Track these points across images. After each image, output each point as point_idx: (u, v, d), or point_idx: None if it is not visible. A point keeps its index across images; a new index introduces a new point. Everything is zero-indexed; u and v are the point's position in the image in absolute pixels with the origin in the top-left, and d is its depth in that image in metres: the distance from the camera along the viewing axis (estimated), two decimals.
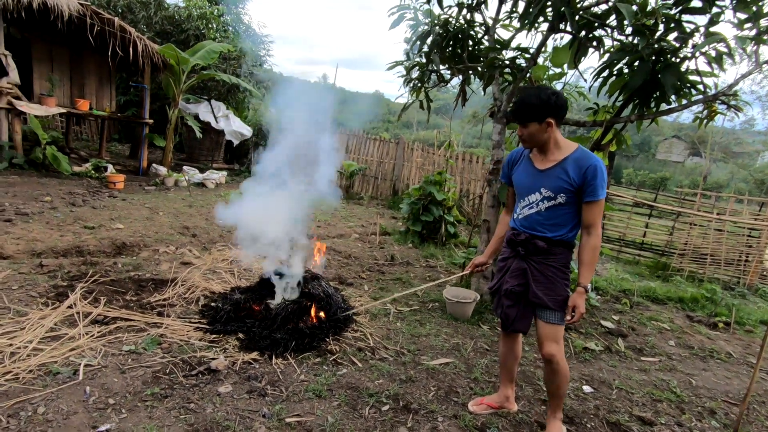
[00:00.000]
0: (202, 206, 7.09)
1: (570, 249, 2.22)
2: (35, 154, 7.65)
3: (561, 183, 2.10)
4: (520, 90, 3.67)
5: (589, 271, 2.10)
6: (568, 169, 2.09)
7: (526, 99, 2.08)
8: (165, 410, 2.16)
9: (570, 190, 2.08)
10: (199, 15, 10.96)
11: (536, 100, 2.05)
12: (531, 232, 2.22)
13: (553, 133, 2.12)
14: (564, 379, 2.25)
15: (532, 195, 2.20)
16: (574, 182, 2.07)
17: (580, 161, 2.07)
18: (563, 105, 2.09)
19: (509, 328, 2.34)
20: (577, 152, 2.11)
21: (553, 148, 2.15)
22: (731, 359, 3.90)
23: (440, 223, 6.71)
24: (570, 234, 2.17)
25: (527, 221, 2.23)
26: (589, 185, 2.04)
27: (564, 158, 2.11)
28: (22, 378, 2.24)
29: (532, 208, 2.21)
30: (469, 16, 3.97)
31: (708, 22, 2.92)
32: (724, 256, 7.22)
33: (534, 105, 2.05)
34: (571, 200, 2.11)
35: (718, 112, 3.38)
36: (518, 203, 2.30)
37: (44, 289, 3.28)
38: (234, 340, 2.92)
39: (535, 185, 2.18)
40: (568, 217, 2.15)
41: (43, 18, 7.15)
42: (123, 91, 11.34)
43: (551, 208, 2.15)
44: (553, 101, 2.05)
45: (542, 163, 2.18)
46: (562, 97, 2.08)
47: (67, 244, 4.36)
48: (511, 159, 2.37)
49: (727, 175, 26.12)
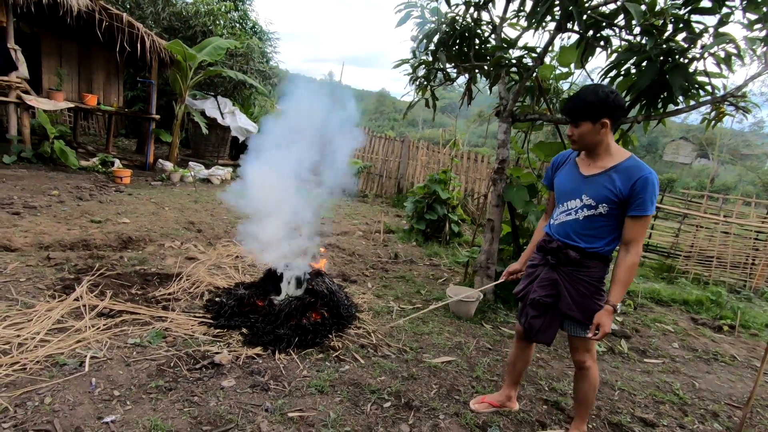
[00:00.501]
0: (208, 202, 7.13)
1: (606, 263, 2.09)
2: (43, 148, 7.72)
3: (605, 192, 1.95)
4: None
5: (621, 290, 1.96)
6: (615, 178, 1.94)
7: (582, 95, 1.94)
8: (169, 403, 2.18)
9: (614, 200, 1.94)
10: (207, 11, 11.00)
11: (593, 97, 1.90)
12: (564, 240, 2.10)
13: (606, 136, 1.97)
14: (591, 387, 2.20)
15: (571, 201, 2.07)
16: (621, 193, 1.92)
17: (631, 171, 1.91)
18: (621, 105, 1.93)
19: (532, 339, 2.24)
20: (629, 161, 1.95)
21: (603, 153, 2.01)
22: (735, 362, 3.88)
23: (444, 221, 6.71)
24: (606, 248, 2.04)
25: (562, 228, 2.12)
26: (637, 198, 1.89)
27: (613, 166, 1.97)
28: (29, 368, 2.28)
29: (569, 214, 2.08)
30: (476, 15, 3.95)
31: (717, 23, 2.90)
32: (731, 258, 7.17)
33: (590, 102, 1.91)
34: (614, 212, 1.97)
35: (726, 113, 3.35)
36: (556, 208, 2.18)
37: (51, 282, 3.32)
38: (238, 335, 2.95)
39: (576, 191, 2.05)
40: (607, 230, 2.01)
41: (53, 13, 7.21)
42: (130, 87, 11.41)
43: (590, 218, 2.02)
44: (612, 100, 1.90)
45: (588, 169, 2.04)
46: (620, 96, 1.93)
47: (74, 237, 4.40)
48: (556, 161, 2.25)
49: (735, 177, 25.88)
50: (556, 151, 4.22)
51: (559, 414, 2.62)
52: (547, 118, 4.03)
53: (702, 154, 28.85)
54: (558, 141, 4.19)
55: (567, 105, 2.00)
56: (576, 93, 1.99)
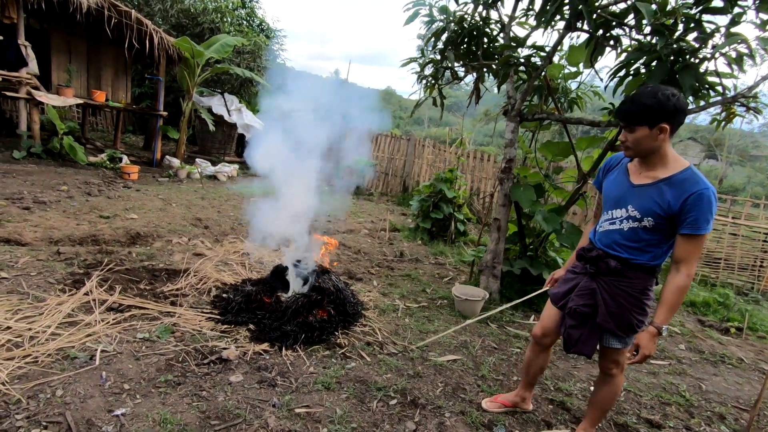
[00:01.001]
0: (214, 199, 7.17)
1: (651, 275, 1.94)
2: (53, 143, 7.79)
3: (652, 205, 1.82)
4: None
5: (668, 312, 1.81)
6: (665, 191, 1.79)
7: (640, 97, 1.78)
8: (178, 397, 2.21)
9: (660, 215, 1.80)
10: (215, 8, 11.04)
11: (651, 100, 1.74)
12: (606, 249, 1.99)
13: (664, 143, 1.81)
14: (611, 395, 2.15)
15: (617, 210, 1.95)
16: (669, 208, 1.77)
17: (685, 184, 1.76)
18: (683, 110, 1.77)
19: (571, 350, 2.10)
20: (685, 173, 1.79)
21: (658, 161, 1.84)
22: (743, 365, 3.86)
23: (450, 220, 6.70)
24: (652, 262, 1.90)
25: (605, 237, 2.00)
26: (688, 215, 1.74)
27: (666, 177, 1.81)
28: (41, 361, 2.31)
29: (613, 224, 1.96)
30: (485, 13, 3.94)
31: (729, 23, 2.87)
32: (739, 260, 7.11)
33: (648, 106, 1.74)
34: (661, 227, 1.83)
35: (736, 114, 3.32)
36: (602, 215, 2.06)
37: (62, 276, 3.36)
38: (245, 331, 2.97)
39: (623, 200, 1.92)
40: (653, 244, 1.88)
41: (63, 10, 7.27)
42: (137, 83, 11.49)
43: (634, 230, 1.89)
44: (673, 103, 1.73)
45: (639, 178, 1.90)
46: (682, 99, 1.76)
47: (84, 232, 4.45)
48: (608, 164, 2.12)
49: (744, 178, 25.62)
50: (563, 151, 4.22)
51: (565, 414, 2.62)
52: (555, 118, 4.02)
53: (710, 154, 28.57)
54: (566, 141, 4.17)
55: (621, 108, 1.85)
56: (632, 95, 1.84)
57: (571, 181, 4.38)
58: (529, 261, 4.31)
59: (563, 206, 4.22)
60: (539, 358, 2.37)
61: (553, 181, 4.37)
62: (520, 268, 4.28)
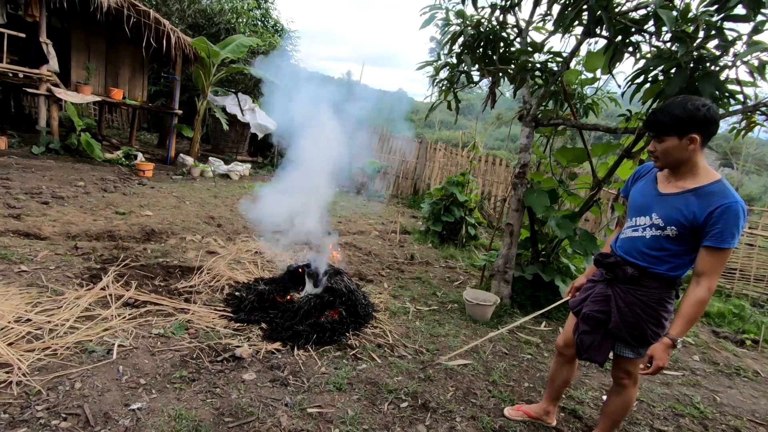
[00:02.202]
0: (227, 197, 7.24)
1: (670, 285, 1.91)
2: (70, 140, 7.94)
3: (676, 214, 1.80)
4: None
5: (685, 325, 1.78)
6: (692, 202, 1.76)
7: (669, 108, 1.76)
8: (192, 393, 2.24)
9: (684, 225, 1.78)
10: (231, 9, 11.16)
11: (681, 110, 1.72)
12: (625, 256, 1.98)
13: (695, 153, 1.77)
14: (623, 406, 2.13)
15: (641, 218, 1.93)
16: (695, 219, 1.75)
17: (713, 197, 1.73)
18: (715, 120, 1.73)
19: (582, 356, 2.10)
20: (715, 186, 1.76)
21: (687, 172, 1.82)
22: (759, 378, 3.79)
23: (461, 224, 6.69)
24: (671, 273, 1.88)
25: (626, 244, 1.99)
26: (714, 227, 1.71)
27: (695, 188, 1.78)
28: (60, 354, 2.36)
29: (636, 230, 1.95)
30: (502, 18, 3.94)
31: (752, 30, 2.83)
32: (755, 271, 6.99)
33: (677, 116, 1.73)
34: (685, 238, 1.81)
35: (757, 123, 3.28)
36: (627, 222, 2.04)
37: (79, 271, 3.42)
38: (257, 330, 3.00)
39: (648, 207, 1.91)
40: (675, 255, 1.86)
41: (84, 9, 7.41)
42: (153, 82, 11.64)
43: (656, 238, 1.87)
44: (703, 114, 1.70)
45: (667, 187, 1.88)
46: (714, 110, 1.73)
47: (100, 228, 4.52)
48: (638, 172, 2.11)
49: (761, 188, 25.14)
50: (578, 157, 4.19)
51: (576, 422, 2.60)
52: (571, 123, 3.99)
53: (726, 163, 28.09)
54: (581, 147, 4.15)
55: (650, 118, 1.84)
56: (662, 105, 1.84)
57: (585, 187, 4.35)
58: (541, 267, 4.29)
59: (577, 212, 4.19)
60: (563, 369, 2.35)
61: (567, 187, 4.34)
62: (531, 273, 4.26)
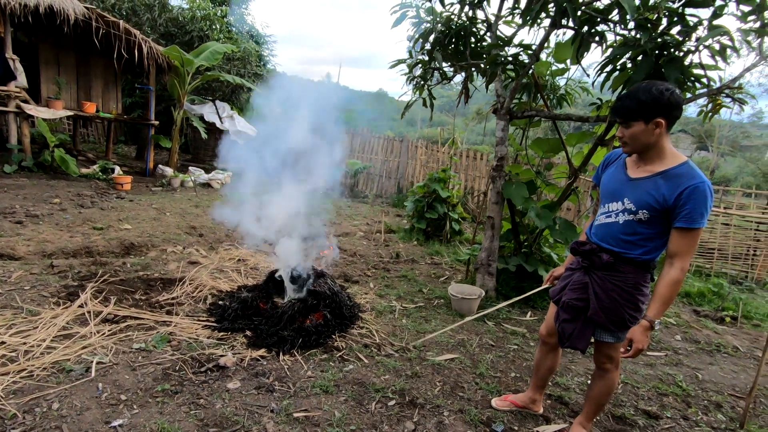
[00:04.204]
0: (209, 206, 7.15)
1: (644, 269, 1.94)
2: (44, 156, 7.75)
3: (647, 198, 1.83)
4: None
5: (662, 306, 1.82)
6: (661, 185, 1.81)
7: (634, 94, 1.80)
8: (176, 406, 2.20)
9: (656, 208, 1.82)
10: (203, 16, 11.04)
11: (646, 95, 1.76)
12: (600, 243, 2.01)
13: (661, 137, 1.82)
14: (606, 390, 2.16)
15: (613, 203, 1.97)
16: (665, 201, 1.79)
17: (680, 178, 1.77)
18: (678, 104, 1.77)
19: (565, 345, 2.14)
20: (682, 168, 1.80)
21: (655, 156, 1.86)
22: (738, 353, 3.89)
23: (445, 220, 6.72)
24: (644, 257, 1.91)
25: (600, 231, 2.02)
26: (683, 208, 1.75)
27: (663, 171, 1.83)
28: (36, 375, 2.30)
29: (609, 217, 1.98)
30: (471, 13, 3.97)
31: (711, 15, 2.90)
32: (732, 250, 7.18)
33: (642, 101, 1.77)
34: (656, 221, 1.85)
35: (723, 105, 3.36)
36: (600, 209, 2.08)
37: (55, 289, 3.34)
38: (242, 338, 2.97)
39: (619, 193, 1.95)
40: (647, 238, 1.89)
41: (50, 22, 7.25)
42: (128, 93, 11.45)
43: (629, 223, 1.91)
44: (667, 98, 1.74)
45: (636, 171, 1.92)
46: (677, 94, 1.76)
47: (77, 244, 4.42)
48: (607, 159, 2.14)
49: (735, 169, 25.82)
50: (554, 147, 4.25)
51: (563, 408, 2.63)
52: (545, 115, 4.05)
53: (701, 146, 28.77)
54: (556, 137, 4.20)
55: (617, 105, 1.87)
56: (627, 92, 1.87)
57: (562, 176, 4.41)
58: (524, 258, 4.33)
59: (556, 202, 4.25)
60: (548, 358, 2.38)
61: (544, 177, 4.40)
62: (515, 265, 4.30)
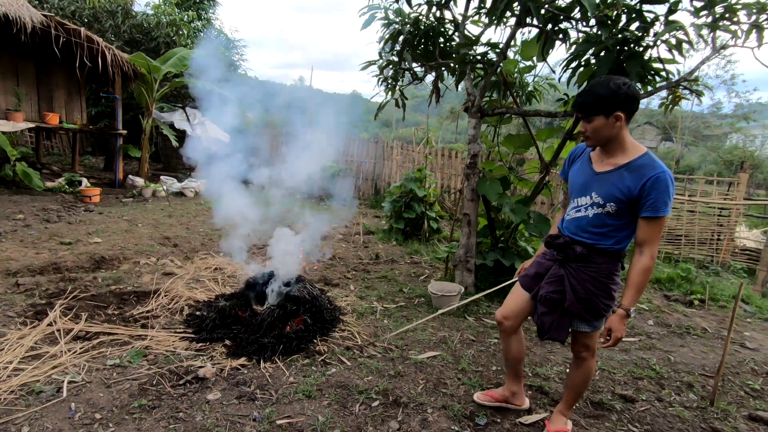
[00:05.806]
0: (182, 215, 7.00)
1: (616, 259, 2.01)
2: (5, 171, 7.43)
3: (613, 191, 1.90)
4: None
5: (635, 293, 1.89)
6: (625, 177, 1.87)
7: (593, 89, 1.86)
8: (153, 421, 2.15)
9: (622, 200, 1.88)
10: (169, 22, 10.79)
11: (604, 89, 1.82)
12: (572, 236, 2.06)
13: (622, 130, 1.88)
14: (584, 378, 2.21)
15: (582, 198, 2.03)
16: (630, 192, 1.85)
17: (643, 169, 1.83)
18: (635, 97, 1.84)
19: (544, 337, 2.16)
20: (643, 158, 1.87)
21: (617, 149, 1.92)
22: (707, 334, 4.05)
23: (423, 219, 6.76)
24: (616, 246, 1.98)
25: (572, 224, 2.08)
26: (648, 198, 1.81)
27: (626, 163, 1.89)
28: (3, 399, 2.20)
29: (579, 211, 2.04)
30: (439, 14, 4.02)
31: (667, 11, 3.03)
32: (698, 236, 7.47)
33: (601, 96, 1.83)
34: (623, 211, 1.91)
35: (682, 97, 3.50)
36: (570, 203, 2.13)
37: (22, 309, 3.21)
38: (221, 347, 2.91)
39: (587, 188, 2.00)
40: (617, 229, 1.96)
41: (6, 31, 6.95)
42: (94, 103, 11.09)
43: (599, 216, 1.97)
44: (624, 91, 1.81)
45: (601, 165, 1.98)
46: (633, 87, 1.84)
47: (44, 261, 4.26)
48: (572, 154, 2.19)
49: (699, 158, 26.86)
50: (525, 143, 4.33)
51: (544, 398, 2.69)
52: (514, 111, 4.13)
53: (666, 137, 29.82)
54: (527, 133, 4.29)
55: (578, 100, 1.92)
56: (586, 87, 1.93)
57: (534, 171, 4.50)
58: (501, 252, 4.40)
59: (529, 197, 4.33)
60: (511, 343, 2.37)
61: (517, 173, 4.48)
62: (492, 260, 4.36)
